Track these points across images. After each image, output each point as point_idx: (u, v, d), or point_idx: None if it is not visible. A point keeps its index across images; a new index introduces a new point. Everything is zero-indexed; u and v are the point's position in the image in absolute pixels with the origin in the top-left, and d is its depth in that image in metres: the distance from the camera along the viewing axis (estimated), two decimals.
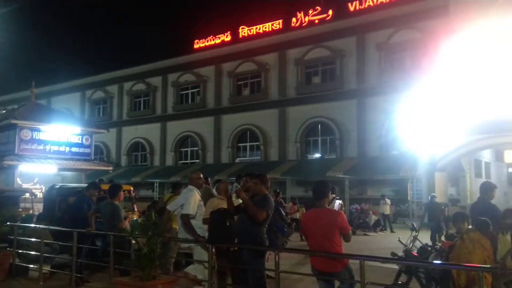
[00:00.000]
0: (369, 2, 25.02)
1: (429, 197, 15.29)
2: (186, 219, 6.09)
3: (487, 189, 6.87)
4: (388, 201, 19.05)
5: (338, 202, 12.38)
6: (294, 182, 25.62)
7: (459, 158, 20.74)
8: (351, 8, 25.62)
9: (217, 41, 31.15)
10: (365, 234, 17.11)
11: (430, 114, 19.15)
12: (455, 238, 6.09)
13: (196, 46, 32.01)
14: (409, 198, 21.91)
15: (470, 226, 6.05)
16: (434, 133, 19.20)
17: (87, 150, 17.50)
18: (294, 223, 13.11)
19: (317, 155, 27.21)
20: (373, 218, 18.91)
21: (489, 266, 4.97)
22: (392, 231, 17.66)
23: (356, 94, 25.05)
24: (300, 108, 27.07)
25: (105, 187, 9.16)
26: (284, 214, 10.20)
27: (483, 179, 20.48)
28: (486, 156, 23.63)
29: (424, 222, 13.56)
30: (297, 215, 15.68)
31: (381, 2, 24.60)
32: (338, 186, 20.18)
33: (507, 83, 17.83)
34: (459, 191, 22.09)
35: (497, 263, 5.10)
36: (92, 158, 17.93)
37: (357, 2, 25.41)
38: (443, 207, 15.61)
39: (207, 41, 31.53)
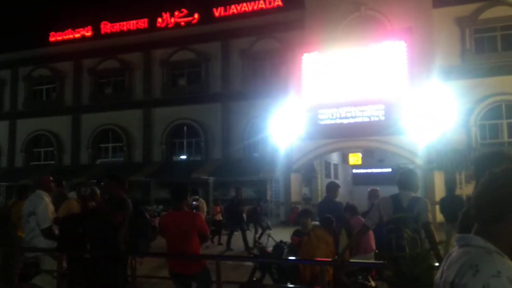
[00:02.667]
0: (233, 9, 25.79)
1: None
2: (48, 232, 5.67)
3: (332, 188, 7.65)
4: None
5: (194, 203, 12.31)
6: (158, 184, 25.21)
7: (312, 161, 22.54)
8: (216, 14, 26.12)
9: (77, 35, 29.16)
10: (226, 234, 17.54)
11: (286, 119, 20.62)
12: (303, 235, 6.65)
13: (52, 39, 29.56)
14: (268, 198, 23.21)
15: (316, 223, 6.67)
16: (290, 136, 20.69)
17: None
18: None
19: (183, 157, 27.19)
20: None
21: (330, 259, 5.50)
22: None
23: (220, 98, 25.62)
24: (166, 110, 26.74)
25: None
26: (148, 217, 9.96)
27: (332, 179, 22.63)
28: (335, 158, 26.07)
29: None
30: (220, 216, 15.84)
31: (244, 11, 25.55)
32: (202, 188, 20.45)
33: (351, 93, 20.07)
34: (311, 190, 24.01)
35: (338, 256, 5.69)
36: None
37: (222, 8, 26.03)
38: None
39: (65, 35, 29.34)
